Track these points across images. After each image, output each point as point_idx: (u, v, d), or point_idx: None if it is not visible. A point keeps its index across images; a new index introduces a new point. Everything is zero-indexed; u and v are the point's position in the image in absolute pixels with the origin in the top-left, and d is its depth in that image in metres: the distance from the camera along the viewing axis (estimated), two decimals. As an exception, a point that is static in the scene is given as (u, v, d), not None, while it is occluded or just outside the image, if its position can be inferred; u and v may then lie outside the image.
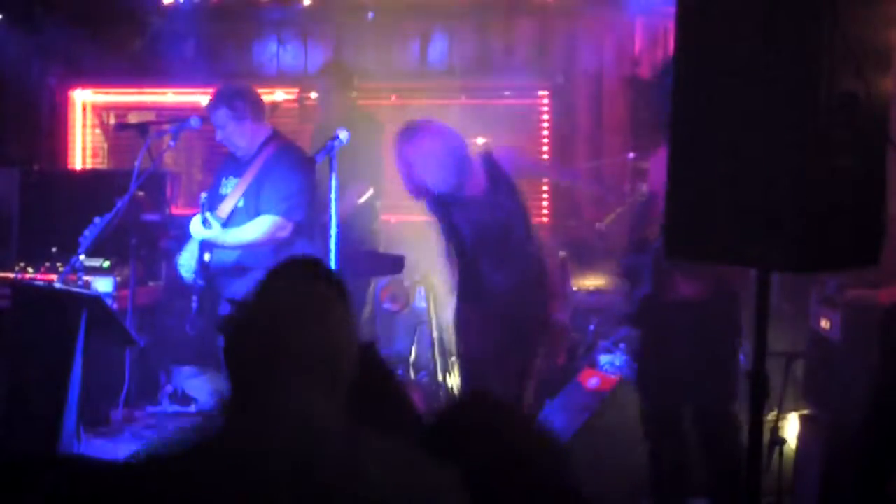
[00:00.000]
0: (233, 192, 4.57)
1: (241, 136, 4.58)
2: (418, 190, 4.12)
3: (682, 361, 3.94)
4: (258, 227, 4.47)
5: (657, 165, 4.17)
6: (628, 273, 4.17)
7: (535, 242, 4.19)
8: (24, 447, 4.13)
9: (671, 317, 3.93)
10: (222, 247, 4.48)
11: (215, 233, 4.44)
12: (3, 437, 4.22)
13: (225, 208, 4.54)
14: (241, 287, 2.95)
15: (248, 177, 4.56)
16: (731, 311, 3.91)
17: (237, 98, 4.58)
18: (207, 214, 4.42)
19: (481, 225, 4.10)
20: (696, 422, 4.03)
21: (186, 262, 4.56)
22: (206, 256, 4.51)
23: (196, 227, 4.46)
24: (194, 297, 4.49)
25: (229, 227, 4.48)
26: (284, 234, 4.47)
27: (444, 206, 4.15)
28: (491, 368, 4.08)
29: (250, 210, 4.52)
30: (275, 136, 4.68)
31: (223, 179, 4.68)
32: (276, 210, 4.47)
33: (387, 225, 6.24)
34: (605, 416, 4.62)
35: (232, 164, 4.69)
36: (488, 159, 4.11)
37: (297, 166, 4.54)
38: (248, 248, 4.47)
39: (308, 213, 4.53)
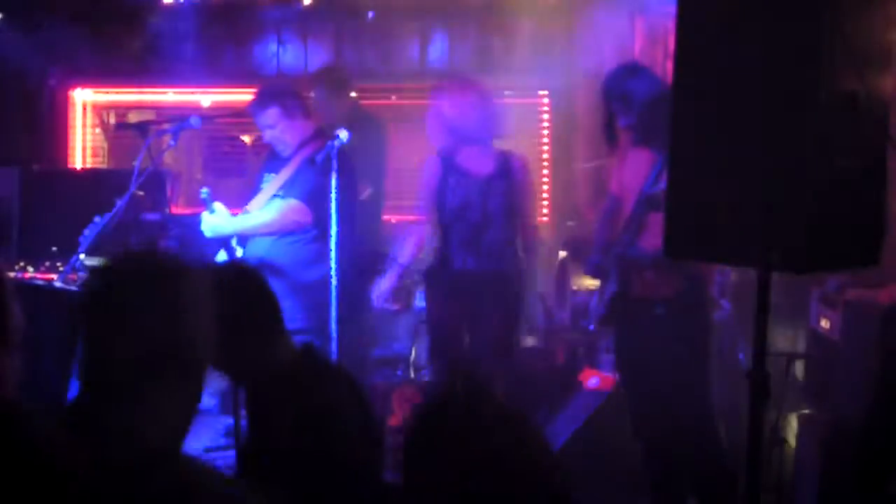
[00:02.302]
0: (267, 189, 4.56)
1: (290, 135, 4.57)
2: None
3: (653, 357, 3.94)
4: (273, 210, 4.45)
5: (618, 169, 4.19)
6: (595, 272, 4.18)
7: None
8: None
9: (641, 314, 3.92)
10: (248, 239, 4.46)
11: (222, 219, 4.42)
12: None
13: (255, 204, 4.54)
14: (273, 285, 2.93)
15: (285, 174, 4.54)
16: (701, 307, 3.92)
17: (288, 97, 4.57)
18: (214, 204, 4.41)
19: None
20: (674, 417, 4.03)
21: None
22: (239, 252, 4.50)
23: (205, 220, 4.45)
24: None
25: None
26: (302, 218, 4.43)
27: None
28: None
29: None
30: (317, 134, 4.65)
31: (265, 175, 4.68)
32: (297, 195, 4.45)
33: (387, 225, 6.24)
34: (604, 415, 4.62)
35: (273, 161, 4.69)
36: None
37: (325, 167, 4.52)
38: (266, 233, 4.45)
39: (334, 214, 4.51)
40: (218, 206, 4.46)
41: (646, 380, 4.00)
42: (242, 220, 4.49)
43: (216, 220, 4.45)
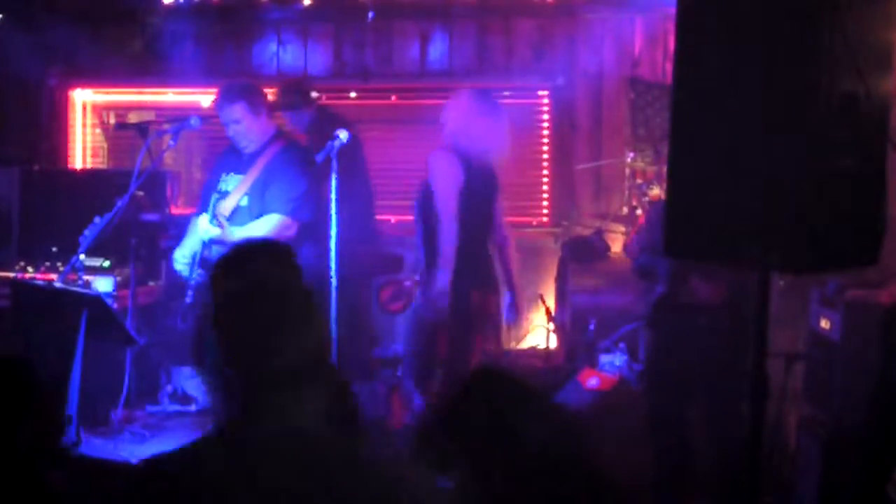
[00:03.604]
0: (236, 190, 4.56)
1: (254, 132, 4.59)
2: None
3: (694, 363, 3.94)
4: (265, 226, 4.46)
5: None
6: (643, 273, 4.17)
7: None
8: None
9: (686, 319, 3.93)
10: (226, 244, 4.46)
11: (226, 235, 4.43)
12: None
13: (227, 206, 4.53)
14: None
15: (253, 174, 4.55)
16: (746, 316, 3.91)
17: (254, 93, 4.61)
18: (221, 218, 4.41)
19: None
20: (708, 423, 4.03)
21: (182, 256, 4.55)
22: (207, 252, 4.49)
23: (204, 226, 4.45)
24: (189, 292, 4.48)
25: (233, 226, 4.48)
26: (290, 233, 4.46)
27: None
28: None
29: (254, 209, 4.52)
30: (280, 134, 4.68)
31: (223, 175, 4.67)
32: (282, 209, 4.47)
33: (387, 225, 6.25)
34: (604, 415, 4.62)
35: (233, 159, 4.68)
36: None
37: (304, 166, 4.54)
38: None
39: (314, 213, 4.53)
40: (224, 221, 4.45)
41: (676, 386, 4.00)
42: (237, 234, 4.49)
43: (217, 231, 4.44)
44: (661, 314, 4.04)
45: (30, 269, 5.55)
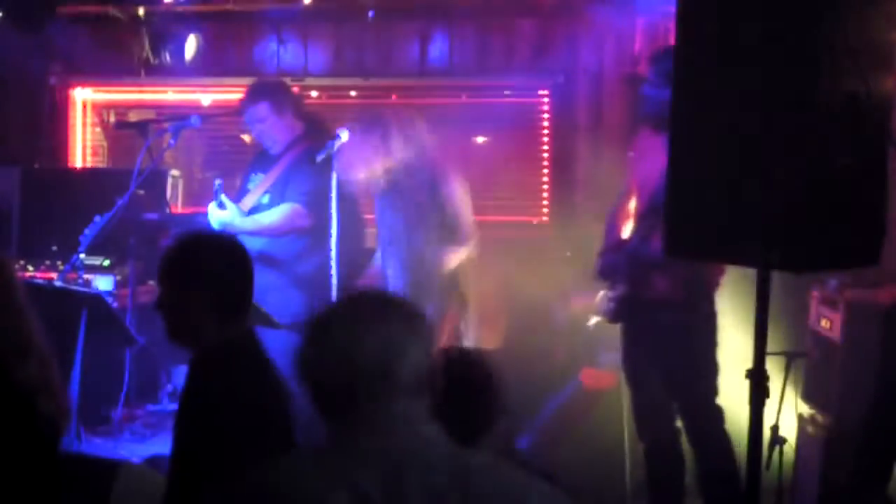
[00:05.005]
0: (257, 188, 4.55)
1: (279, 132, 4.56)
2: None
3: (661, 359, 3.94)
4: (276, 213, 4.45)
5: (636, 161, 4.18)
6: (605, 273, 4.13)
7: None
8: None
9: (649, 315, 3.91)
10: (243, 233, 4.45)
11: (231, 215, 4.41)
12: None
13: (247, 202, 4.53)
14: (264, 277, 2.91)
15: (275, 173, 4.54)
16: (707, 308, 3.91)
17: (279, 93, 4.57)
18: (222, 197, 4.39)
19: None
20: (682, 418, 4.03)
21: None
22: None
23: (212, 212, 4.44)
24: None
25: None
26: (304, 223, 4.43)
27: None
28: None
29: (274, 206, 4.51)
30: (307, 134, 4.64)
31: (252, 175, 4.67)
32: (296, 199, 4.44)
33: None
34: (604, 415, 4.62)
35: (261, 160, 4.68)
36: None
37: (324, 166, 4.51)
38: (269, 235, 4.44)
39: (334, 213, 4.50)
40: (228, 203, 4.45)
41: (652, 382, 4.00)
42: (250, 221, 4.48)
43: (225, 215, 4.43)
44: (625, 312, 4.03)
45: (30, 267, 5.55)
